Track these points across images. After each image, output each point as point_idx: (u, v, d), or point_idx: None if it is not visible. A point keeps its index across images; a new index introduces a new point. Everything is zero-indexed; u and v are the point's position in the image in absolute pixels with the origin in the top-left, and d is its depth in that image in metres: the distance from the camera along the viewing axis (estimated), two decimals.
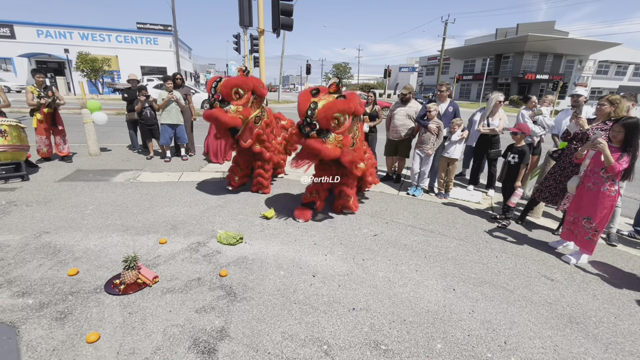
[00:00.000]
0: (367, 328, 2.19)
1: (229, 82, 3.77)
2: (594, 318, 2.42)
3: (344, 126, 3.27)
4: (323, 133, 3.21)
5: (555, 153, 3.93)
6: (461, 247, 3.41)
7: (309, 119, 3.18)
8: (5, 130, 4.64)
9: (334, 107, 3.13)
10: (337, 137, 3.27)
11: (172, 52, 27.16)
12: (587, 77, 38.54)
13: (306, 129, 3.22)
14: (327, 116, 3.13)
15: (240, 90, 3.81)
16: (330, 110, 3.13)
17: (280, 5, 6.42)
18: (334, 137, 3.25)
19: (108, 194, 4.41)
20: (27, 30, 26.08)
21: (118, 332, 2.03)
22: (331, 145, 3.25)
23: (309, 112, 3.16)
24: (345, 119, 3.25)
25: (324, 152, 3.21)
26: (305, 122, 3.21)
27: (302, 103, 3.23)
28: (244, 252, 3.08)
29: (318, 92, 3.29)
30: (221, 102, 3.78)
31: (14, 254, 2.83)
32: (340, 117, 3.21)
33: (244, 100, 3.89)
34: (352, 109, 3.24)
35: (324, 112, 3.12)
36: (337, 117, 3.19)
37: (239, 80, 3.80)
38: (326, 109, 3.13)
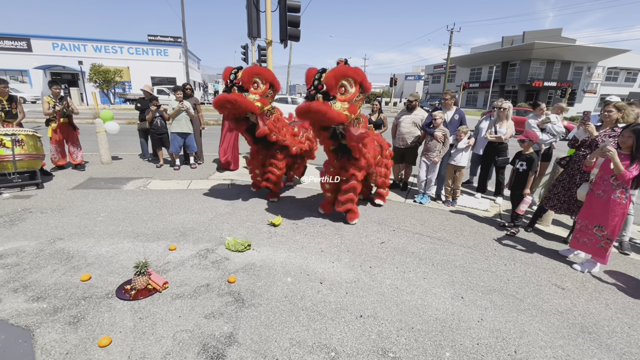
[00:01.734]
0: (374, 335, 2.18)
1: (251, 70, 3.80)
2: (606, 328, 2.38)
3: (350, 94, 3.24)
4: (329, 98, 3.15)
5: (563, 160, 3.90)
6: (469, 255, 3.39)
7: (317, 81, 3.16)
8: (22, 139, 4.81)
9: (342, 70, 3.15)
10: (343, 105, 3.20)
11: (182, 63, 27.80)
12: (596, 83, 38.15)
13: (312, 92, 3.18)
14: (335, 77, 3.10)
15: (259, 81, 3.86)
16: (339, 72, 3.12)
17: (287, 16, 6.57)
18: (339, 104, 3.19)
19: (119, 201, 4.50)
20: (43, 43, 27.07)
21: (129, 336, 2.06)
22: (337, 109, 3.16)
23: (317, 75, 3.18)
24: (351, 87, 3.22)
25: (329, 113, 3.07)
26: (312, 86, 3.20)
27: (310, 75, 3.26)
28: (252, 258, 3.11)
29: (325, 70, 3.29)
30: (239, 89, 3.78)
31: (29, 260, 2.90)
32: (347, 84, 3.18)
33: (263, 90, 3.91)
34: (359, 75, 3.24)
35: (332, 74, 3.12)
36: (344, 84, 3.17)
37: (261, 69, 3.85)
38: (334, 71, 3.14)
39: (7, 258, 2.92)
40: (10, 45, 26.45)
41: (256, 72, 3.83)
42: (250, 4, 6.57)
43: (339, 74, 3.15)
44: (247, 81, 3.78)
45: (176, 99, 6.07)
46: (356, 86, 3.28)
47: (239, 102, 3.67)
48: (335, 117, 3.12)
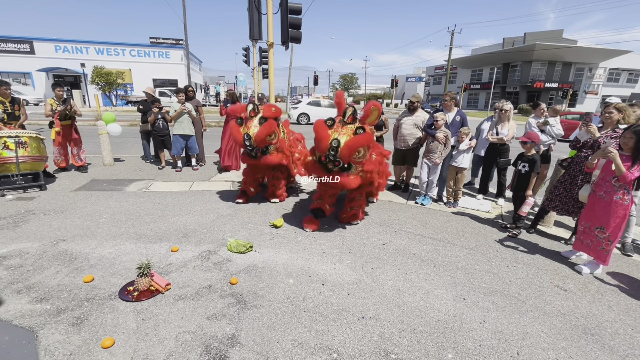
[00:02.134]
0: (376, 337, 2.18)
1: (260, 137, 3.93)
2: (609, 329, 2.37)
3: (365, 157, 3.42)
4: (345, 167, 3.39)
5: (564, 161, 3.90)
6: (471, 257, 3.39)
7: (332, 156, 3.28)
8: (25, 141, 4.84)
9: (356, 145, 3.22)
10: (358, 167, 3.46)
11: (183, 65, 27.90)
12: (598, 84, 38.10)
13: (329, 165, 3.40)
14: (350, 154, 3.25)
15: (271, 135, 4.07)
16: (353, 149, 3.23)
17: (289, 19, 6.60)
18: (354, 168, 3.44)
19: (122, 203, 4.52)
20: (46, 45, 27.23)
21: (132, 337, 2.07)
22: (353, 176, 3.44)
23: (331, 150, 3.25)
24: (365, 151, 3.38)
25: (349, 185, 3.44)
26: (328, 159, 3.33)
27: (322, 139, 3.26)
28: (254, 260, 3.12)
29: (333, 123, 3.38)
30: (263, 152, 4.17)
31: (33, 261, 2.92)
32: (361, 150, 3.31)
33: (278, 137, 4.24)
34: (372, 141, 3.39)
35: (348, 151, 3.21)
36: (359, 150, 3.30)
37: (266, 131, 3.94)
38: (349, 148, 3.21)
39: (10, 259, 2.93)
40: (14, 48, 26.61)
41: (265, 134, 3.94)
42: (252, 7, 6.61)
43: (353, 149, 3.24)
44: (264, 144, 4.07)
45: (178, 101, 6.10)
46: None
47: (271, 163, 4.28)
48: (354, 186, 3.48)
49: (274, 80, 7.98)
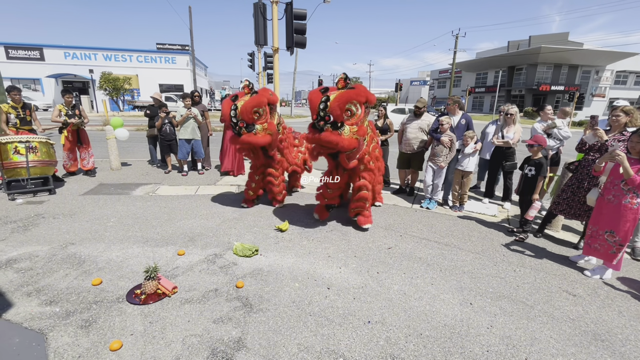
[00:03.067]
0: (382, 341, 2.17)
1: (246, 108, 3.81)
2: (620, 335, 2.33)
3: (357, 116, 3.31)
4: (337, 126, 3.24)
5: (572, 165, 3.86)
6: (477, 261, 3.36)
7: (322, 112, 3.22)
8: (36, 146, 4.93)
9: (345, 96, 3.18)
10: (352, 129, 3.31)
11: (189, 70, 28.26)
12: (605, 87, 37.73)
13: (320, 123, 3.26)
14: (340, 106, 3.16)
15: (259, 110, 3.91)
16: (342, 99, 3.17)
17: (294, 24, 6.67)
18: (348, 129, 3.29)
19: (129, 206, 4.57)
20: (55, 52, 27.78)
21: (139, 340, 2.09)
22: (347, 137, 3.29)
23: (321, 105, 3.21)
24: (357, 109, 3.29)
25: (341, 143, 3.23)
26: (319, 117, 3.25)
27: (314, 100, 3.29)
28: (260, 264, 3.13)
29: (327, 90, 3.34)
30: (247, 127, 3.90)
31: (42, 264, 2.96)
32: (352, 107, 3.25)
33: (266, 116, 4.01)
34: (362, 96, 3.28)
35: (337, 103, 3.16)
36: (349, 107, 3.24)
37: (253, 102, 3.86)
38: (338, 99, 3.17)
39: (21, 262, 2.98)
40: (24, 55, 27.20)
41: (251, 107, 3.83)
42: (258, 13, 6.69)
43: (344, 101, 3.19)
44: (249, 119, 3.85)
45: (184, 106, 6.17)
46: (361, 107, 3.35)
47: (253, 143, 3.91)
48: (347, 146, 3.28)
49: (279, 84, 8.05)
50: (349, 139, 3.28)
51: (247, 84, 4.06)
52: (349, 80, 3.40)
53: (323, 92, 3.29)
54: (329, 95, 3.24)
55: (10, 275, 2.78)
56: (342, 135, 3.26)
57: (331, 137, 3.21)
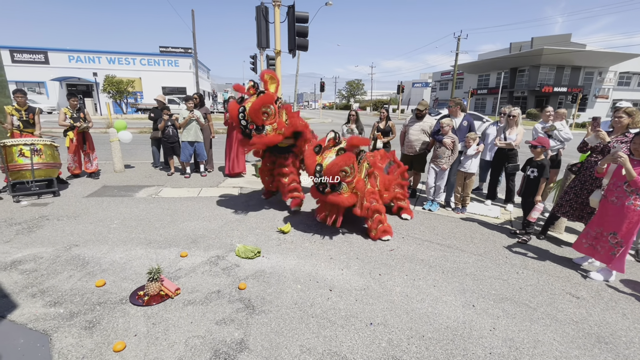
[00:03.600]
0: (385, 343, 2.17)
1: (254, 109, 3.78)
2: (624, 338, 2.32)
3: (352, 175, 3.53)
4: (336, 187, 3.52)
5: (574, 166, 3.85)
6: (480, 263, 3.35)
7: (319, 179, 3.48)
8: (40, 149, 4.97)
9: (335, 167, 3.38)
10: (350, 185, 3.56)
11: (192, 73, 28.42)
12: (608, 88, 37.55)
13: (320, 187, 3.55)
14: (332, 174, 3.41)
15: (267, 110, 3.90)
16: (333, 170, 3.39)
17: (295, 27, 6.70)
18: (346, 187, 3.55)
19: (132, 208, 4.60)
20: (60, 56, 28.02)
21: (143, 342, 2.10)
22: (347, 194, 3.56)
23: (317, 174, 3.48)
24: (351, 169, 3.49)
25: (343, 203, 3.56)
26: (318, 182, 3.52)
27: (309, 166, 3.56)
28: (262, 265, 3.14)
29: (320, 149, 3.59)
30: (257, 130, 3.92)
31: (47, 266, 2.99)
32: (347, 169, 3.44)
33: (274, 116, 4.00)
34: (352, 160, 3.46)
35: (329, 173, 3.41)
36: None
37: (260, 102, 3.80)
38: (328, 170, 3.40)
39: (25, 264, 3.01)
40: (29, 59, 27.45)
41: (258, 108, 3.79)
42: (260, 16, 6.73)
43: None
44: (258, 120, 3.84)
45: (187, 109, 6.21)
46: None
47: (265, 143, 4.02)
48: (348, 203, 3.58)
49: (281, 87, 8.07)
50: (349, 196, 3.57)
51: (252, 84, 3.99)
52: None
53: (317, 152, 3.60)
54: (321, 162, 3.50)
55: (15, 276, 2.80)
56: (342, 194, 3.55)
57: (333, 199, 3.54)
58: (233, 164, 6.64)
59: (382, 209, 3.84)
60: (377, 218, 3.78)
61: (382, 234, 3.80)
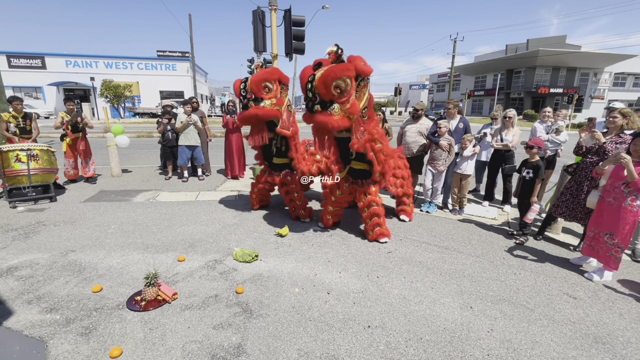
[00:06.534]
0: (383, 346, 2.17)
1: (256, 79, 3.70)
2: (621, 338, 2.32)
3: (347, 93, 2.99)
4: (327, 105, 3.01)
5: (570, 167, 3.88)
6: (478, 264, 3.36)
7: (310, 92, 3.03)
8: (37, 154, 4.96)
9: (330, 74, 2.88)
10: (343, 107, 3.01)
11: (190, 77, 28.43)
12: (604, 89, 37.84)
13: (309, 104, 3.08)
14: (325, 84, 2.91)
15: (268, 84, 3.78)
16: (327, 77, 2.89)
17: (292, 31, 6.74)
18: (338, 107, 3.01)
19: (129, 213, 4.59)
20: (57, 60, 28.01)
21: (139, 347, 2.09)
22: (338, 116, 3.02)
23: (308, 85, 3.02)
24: (347, 84, 2.96)
25: (330, 123, 3.01)
26: (308, 97, 3.07)
27: (303, 78, 3.10)
28: (260, 269, 3.13)
29: (320, 65, 3.10)
30: (255, 101, 3.76)
31: (43, 272, 2.97)
32: (342, 84, 2.93)
33: (275, 92, 3.87)
34: (351, 71, 2.94)
35: (322, 81, 2.92)
36: (338, 84, 2.92)
37: (264, 75, 3.76)
38: (323, 78, 2.91)
39: (21, 270, 2.99)
40: (26, 64, 27.43)
41: (261, 79, 3.74)
42: (257, 20, 6.76)
43: (330, 80, 2.90)
44: (257, 91, 3.74)
45: (184, 113, 6.22)
46: (352, 81, 2.99)
47: (260, 115, 3.77)
48: (337, 126, 3.05)
49: None
50: (339, 118, 3.02)
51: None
52: (341, 51, 3.08)
53: (315, 69, 3.07)
54: (315, 73, 3.02)
55: (11, 282, 2.78)
56: (333, 115, 3.01)
57: (320, 118, 3.03)
58: (233, 167, 6.68)
59: (381, 212, 3.78)
60: (375, 221, 3.76)
61: (380, 236, 3.80)
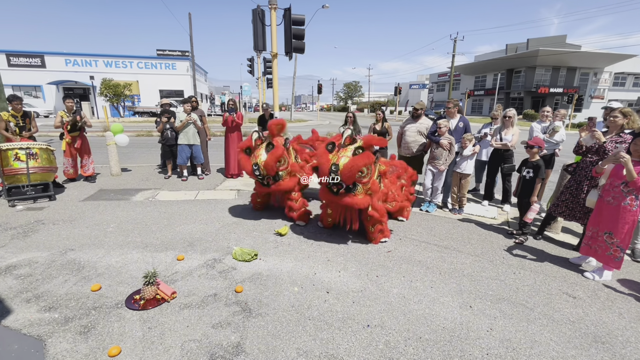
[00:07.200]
0: (382, 345, 2.17)
1: (269, 164, 3.87)
2: (620, 337, 2.32)
3: (368, 175, 3.38)
4: (351, 188, 3.38)
5: (570, 167, 3.87)
6: (477, 264, 3.35)
7: (334, 180, 3.31)
8: (36, 153, 4.95)
9: (355, 167, 3.19)
10: (365, 187, 3.41)
11: (189, 76, 28.42)
12: (604, 89, 37.86)
13: (334, 188, 3.40)
14: (351, 175, 3.22)
15: (281, 160, 4.03)
16: (352, 170, 3.20)
17: (292, 30, 6.73)
18: (361, 188, 3.41)
19: (128, 212, 4.58)
20: (56, 59, 28.00)
21: (138, 346, 2.08)
22: (361, 195, 3.42)
23: (332, 174, 3.28)
24: (369, 170, 3.35)
25: (357, 205, 3.43)
26: (332, 182, 3.35)
27: (323, 165, 3.35)
28: (259, 268, 3.13)
29: (334, 147, 3.44)
30: (274, 179, 4.05)
31: (42, 270, 2.96)
32: (364, 169, 3.29)
33: (288, 161, 4.15)
34: (372, 159, 3.30)
35: (348, 173, 3.20)
36: (362, 170, 3.27)
37: (273, 157, 3.89)
38: (348, 170, 3.19)
39: (20, 269, 2.98)
40: (26, 62, 27.41)
41: (274, 162, 3.88)
42: (256, 19, 6.75)
43: (355, 171, 3.19)
44: (274, 169, 3.94)
45: (184, 111, 6.21)
46: (372, 166, 3.41)
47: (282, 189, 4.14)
48: (362, 205, 3.44)
49: (278, 89, 8.08)
50: (363, 198, 3.41)
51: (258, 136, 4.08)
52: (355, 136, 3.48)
53: (330, 150, 3.41)
54: (337, 162, 3.29)
55: (10, 281, 2.78)
56: (357, 196, 3.39)
57: (348, 201, 3.40)
58: (233, 165, 6.69)
59: (385, 219, 3.76)
60: (378, 228, 3.72)
61: (380, 234, 3.79)
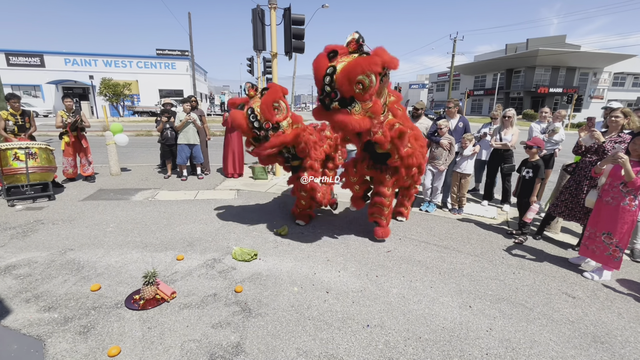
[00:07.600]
0: (381, 345, 2.17)
1: (265, 104, 3.29)
2: (619, 337, 2.33)
3: (371, 90, 2.63)
4: (347, 102, 2.67)
5: (569, 167, 3.88)
6: (477, 264, 3.36)
7: (328, 87, 2.67)
8: (35, 152, 4.94)
9: (356, 69, 2.53)
10: (365, 105, 2.69)
11: (189, 76, 28.38)
12: (603, 89, 37.87)
13: (326, 100, 2.73)
14: (349, 79, 2.56)
15: (276, 103, 3.39)
16: (352, 72, 2.54)
17: (292, 29, 6.72)
18: (360, 106, 2.69)
19: (128, 212, 4.57)
20: (56, 59, 27.92)
21: (138, 346, 2.08)
22: (358, 116, 2.70)
23: (326, 79, 2.64)
24: (371, 81, 2.59)
25: (351, 124, 2.67)
26: (324, 92, 2.71)
27: (318, 69, 2.70)
28: (259, 268, 3.13)
29: (336, 54, 2.72)
30: (273, 129, 3.40)
31: (41, 270, 2.96)
32: (365, 80, 2.56)
33: (286, 110, 3.51)
34: (378, 66, 2.57)
35: (345, 77, 2.56)
36: (362, 79, 2.56)
37: (270, 96, 3.36)
38: (346, 72, 2.56)
39: (19, 269, 2.98)
40: (25, 62, 27.33)
41: (271, 102, 3.34)
42: (256, 18, 6.74)
43: (354, 75, 2.55)
44: (271, 117, 3.34)
45: (184, 111, 6.21)
46: (377, 77, 2.62)
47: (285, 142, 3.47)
48: (358, 127, 2.72)
49: None
50: (360, 119, 2.69)
51: (250, 85, 3.54)
52: (363, 41, 2.71)
53: (331, 58, 2.70)
54: (335, 65, 2.64)
55: (9, 281, 2.77)
56: (353, 115, 2.68)
57: (339, 118, 2.69)
58: (233, 165, 6.70)
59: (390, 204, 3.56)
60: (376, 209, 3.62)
61: (380, 232, 3.78)
